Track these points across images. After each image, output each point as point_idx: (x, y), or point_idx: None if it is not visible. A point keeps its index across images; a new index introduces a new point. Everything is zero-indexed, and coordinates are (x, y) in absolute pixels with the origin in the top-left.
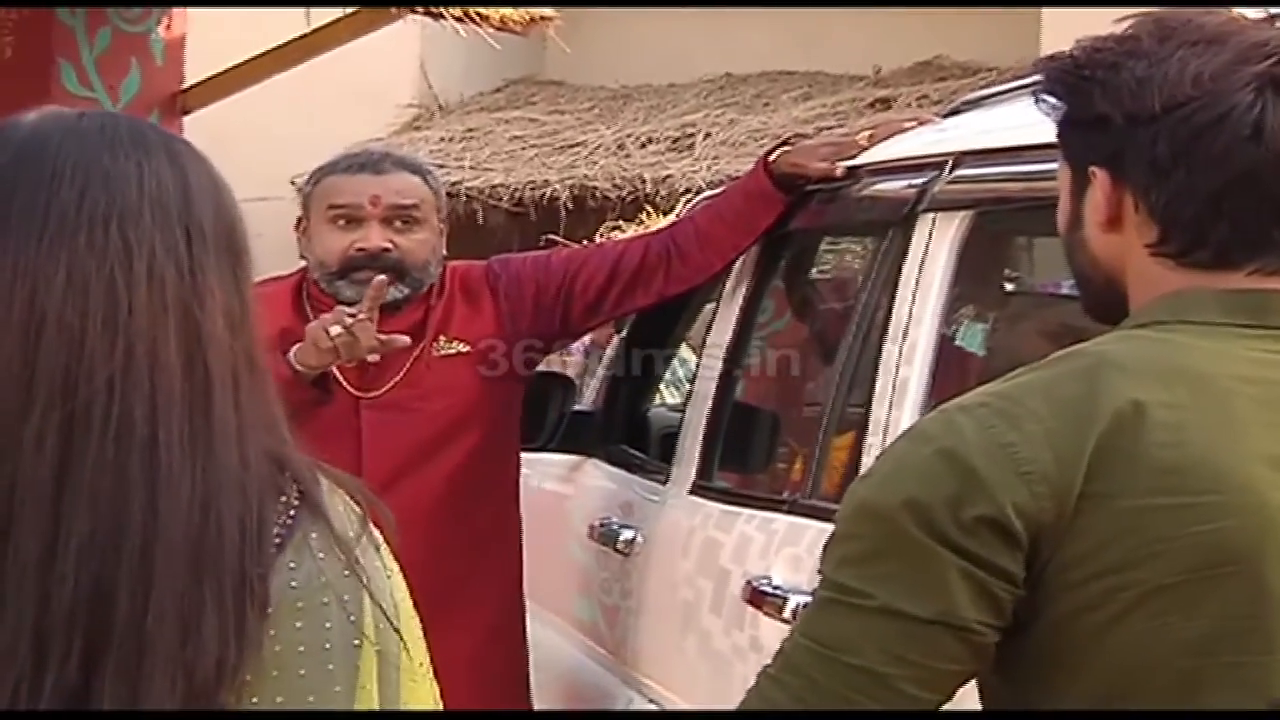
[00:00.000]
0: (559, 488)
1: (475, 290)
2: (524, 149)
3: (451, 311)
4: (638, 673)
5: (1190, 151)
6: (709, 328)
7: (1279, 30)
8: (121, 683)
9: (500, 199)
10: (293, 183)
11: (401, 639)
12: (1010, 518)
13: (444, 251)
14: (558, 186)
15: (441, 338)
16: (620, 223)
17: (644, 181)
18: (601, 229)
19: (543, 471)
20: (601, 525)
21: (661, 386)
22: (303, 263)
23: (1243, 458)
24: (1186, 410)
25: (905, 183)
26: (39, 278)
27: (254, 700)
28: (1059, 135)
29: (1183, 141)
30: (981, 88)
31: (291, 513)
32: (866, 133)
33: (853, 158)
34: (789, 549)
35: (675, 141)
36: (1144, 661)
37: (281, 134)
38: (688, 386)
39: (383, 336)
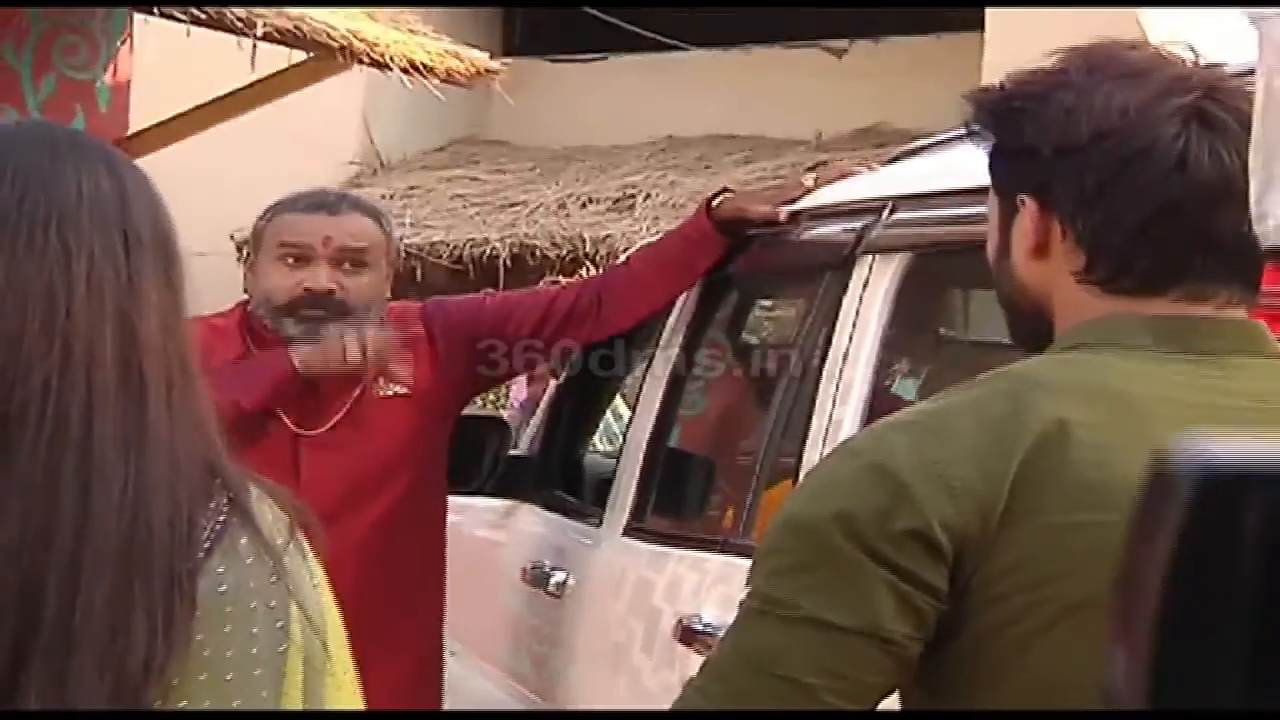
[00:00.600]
0: (491, 534)
1: (411, 332)
2: (465, 207)
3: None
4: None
5: (1116, 181)
6: (645, 373)
7: (1203, 66)
8: (49, 679)
9: (440, 256)
10: (232, 237)
11: (326, 646)
12: (936, 532)
13: (388, 294)
14: (498, 244)
15: (381, 379)
16: (560, 278)
17: (584, 240)
18: (541, 283)
19: (475, 518)
20: (534, 568)
21: (596, 433)
22: (241, 298)
23: None
24: (1109, 430)
25: (844, 227)
26: None
27: (182, 704)
28: (989, 165)
29: (1109, 172)
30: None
31: (221, 518)
32: (810, 176)
33: (795, 201)
34: (721, 588)
35: (616, 202)
36: (1064, 676)
37: (223, 186)
38: (623, 432)
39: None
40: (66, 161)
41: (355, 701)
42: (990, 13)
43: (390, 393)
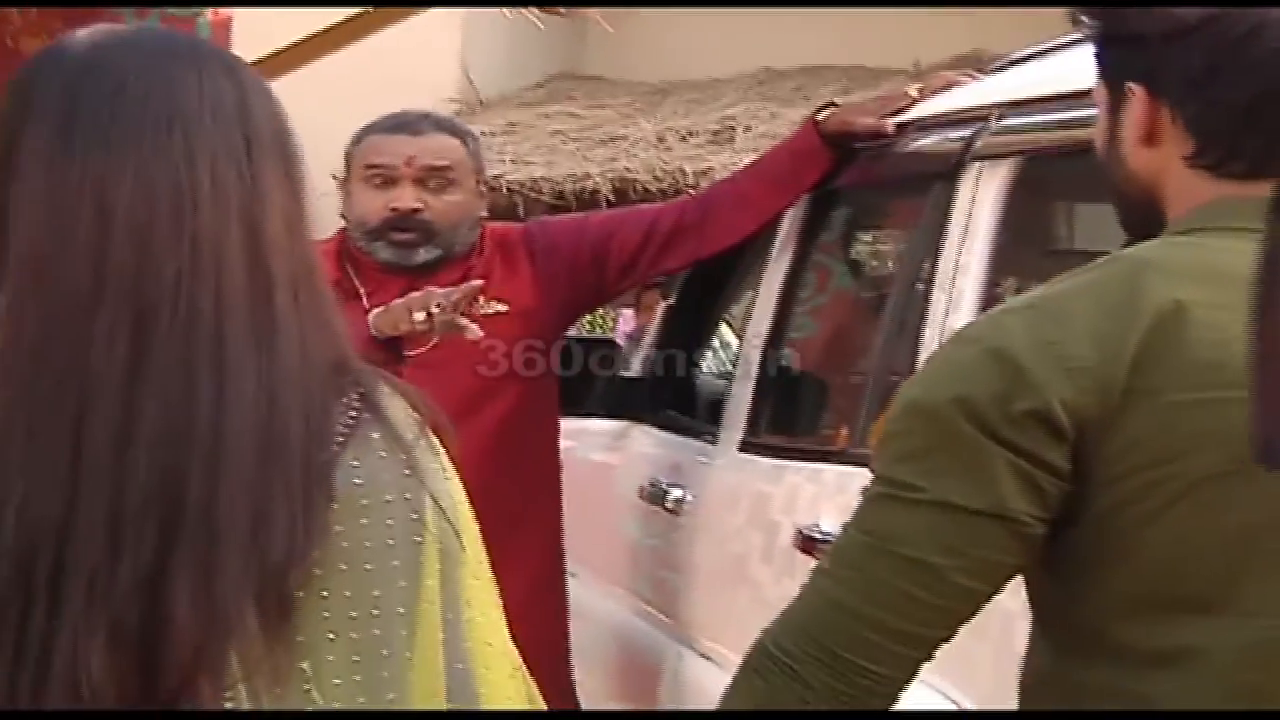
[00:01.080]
0: (605, 456)
1: (512, 252)
2: (565, 143)
3: (490, 273)
4: (688, 629)
5: (1225, 64)
6: (756, 291)
7: None
8: (196, 567)
9: (541, 192)
10: (334, 177)
11: (460, 537)
12: (1057, 412)
13: (482, 215)
14: (598, 179)
15: (480, 298)
16: None
17: (684, 174)
18: None
19: (588, 441)
20: (651, 486)
21: (708, 352)
22: (340, 224)
23: None
24: (1225, 309)
25: (951, 135)
26: (106, 179)
27: (324, 593)
28: (1095, 54)
29: (1217, 54)
30: None
31: (353, 413)
32: (915, 86)
33: (902, 113)
34: (839, 498)
35: (715, 135)
36: (1187, 553)
37: (324, 128)
38: (734, 351)
39: (464, 322)
40: (187, 65)
41: (490, 593)
42: None
43: (492, 310)
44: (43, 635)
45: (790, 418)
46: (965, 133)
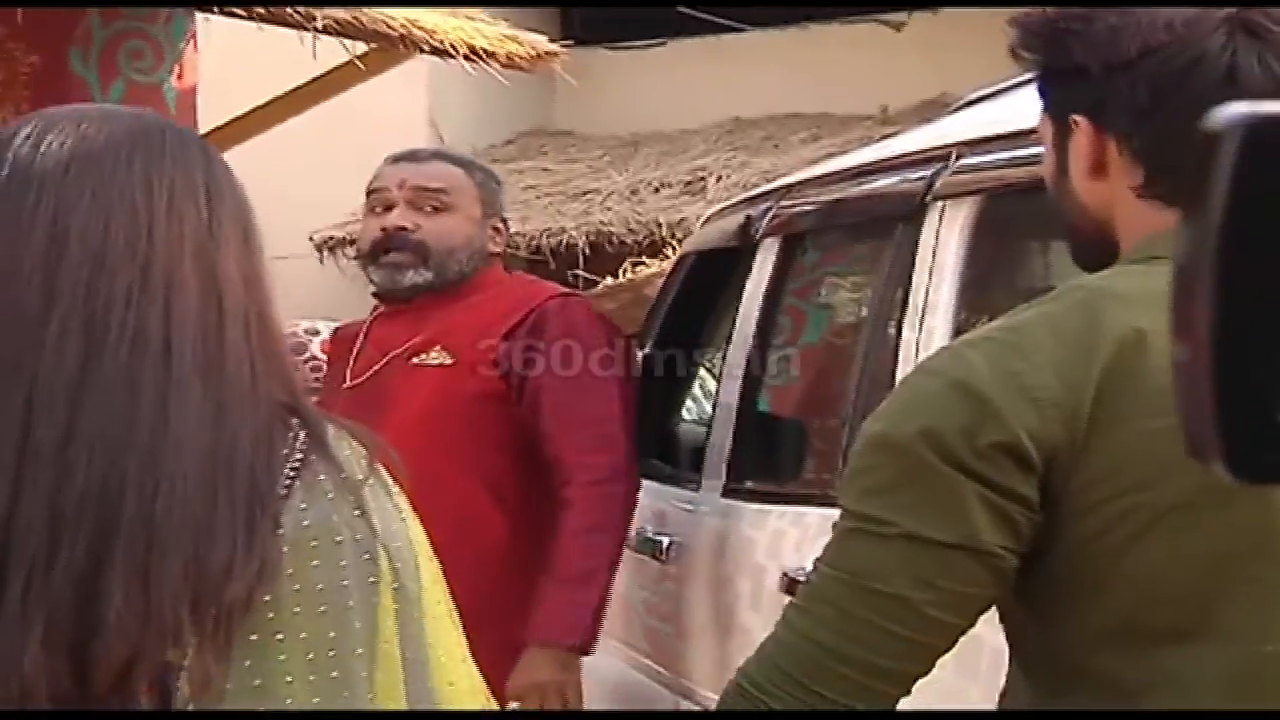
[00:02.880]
0: None
1: (529, 322)
2: (539, 197)
3: (478, 316)
4: (685, 679)
5: (1169, 94)
6: (729, 340)
7: None
8: (132, 571)
9: (518, 247)
10: (310, 239)
11: (418, 577)
12: (1024, 443)
13: (492, 251)
14: (574, 233)
15: (437, 348)
16: (644, 259)
17: (660, 225)
18: (623, 267)
19: None
20: (637, 535)
21: (685, 402)
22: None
23: None
24: None
25: (912, 176)
26: (63, 199)
27: (279, 636)
28: (1039, 88)
29: (1161, 85)
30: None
31: (299, 455)
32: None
33: None
34: (822, 539)
35: (688, 185)
36: (1161, 581)
37: (294, 189)
38: (712, 399)
39: None
40: (153, 121)
41: (454, 633)
42: None
43: (434, 363)
44: None
45: (771, 462)
46: (926, 173)
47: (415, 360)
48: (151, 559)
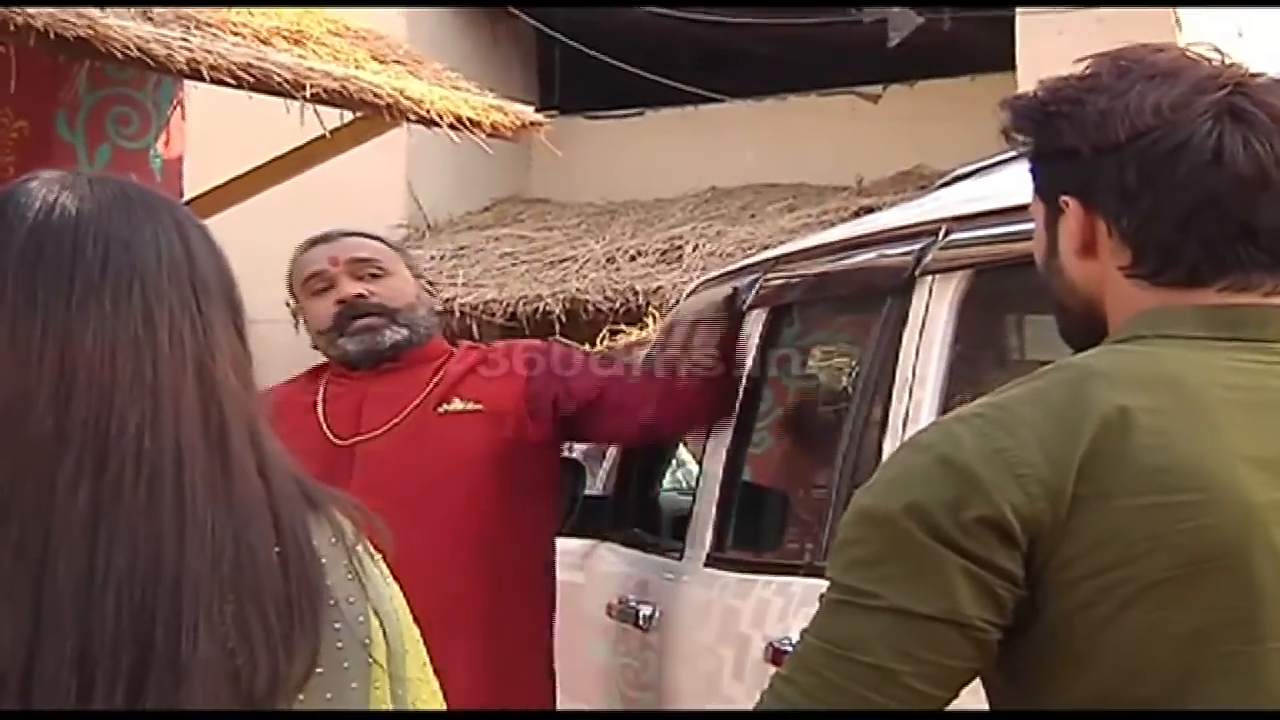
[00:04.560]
0: (572, 575)
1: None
2: (515, 265)
3: (466, 374)
4: None
5: (1156, 177)
6: None
7: (1229, 64)
8: (164, 705)
9: (494, 314)
10: (288, 305)
11: (402, 641)
12: (1008, 518)
13: (436, 309)
14: (550, 300)
15: (456, 399)
16: (620, 326)
17: (635, 293)
18: (600, 337)
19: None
20: (620, 604)
21: (669, 471)
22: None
23: (1225, 458)
24: (1169, 415)
25: (901, 250)
26: (68, 337)
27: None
28: (1030, 169)
29: (1148, 168)
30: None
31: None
32: None
33: None
34: (806, 609)
35: (664, 254)
36: (1143, 656)
37: (275, 257)
38: (698, 467)
39: None
40: (143, 222)
41: (436, 695)
42: (1021, 52)
43: (459, 409)
44: None
45: (755, 532)
46: (915, 247)
47: (441, 410)
48: (179, 696)
